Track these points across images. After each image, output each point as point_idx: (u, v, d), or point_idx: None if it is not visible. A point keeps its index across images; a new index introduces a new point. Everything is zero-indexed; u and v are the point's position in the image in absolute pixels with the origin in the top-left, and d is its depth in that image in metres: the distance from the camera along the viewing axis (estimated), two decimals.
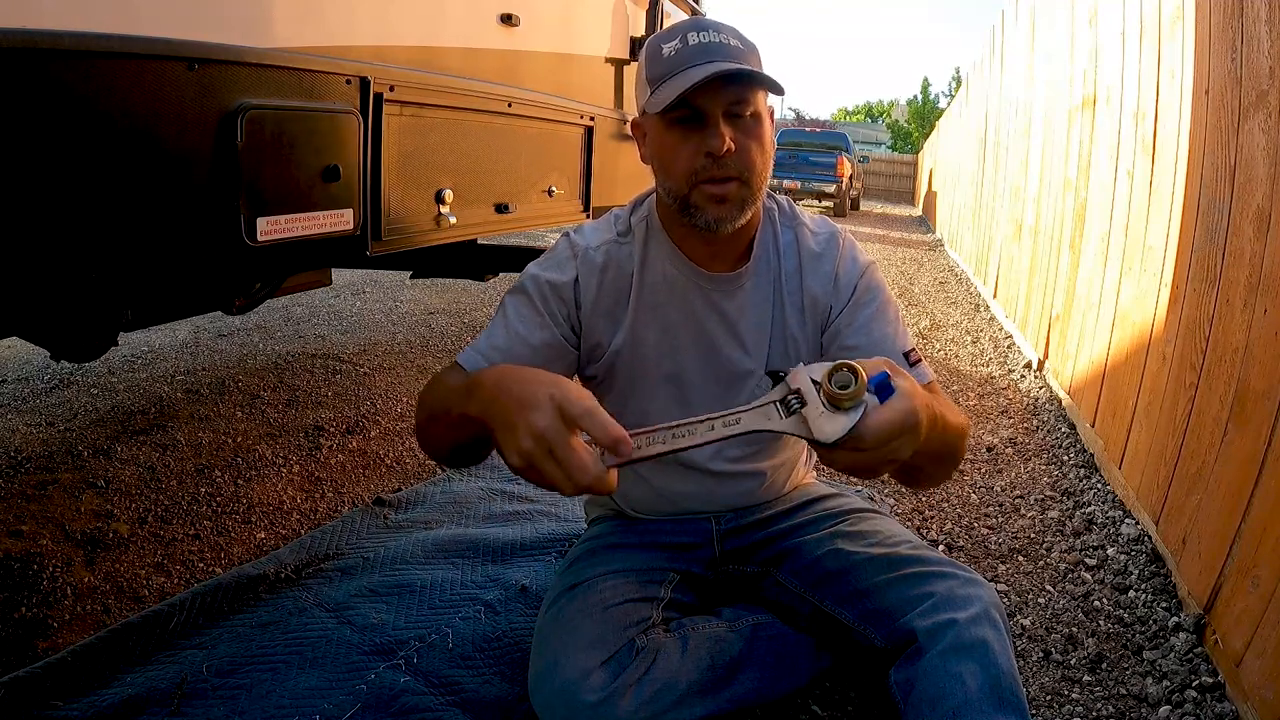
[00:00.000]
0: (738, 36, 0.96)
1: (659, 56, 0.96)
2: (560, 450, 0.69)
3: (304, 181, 1.22)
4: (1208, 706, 1.20)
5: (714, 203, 0.96)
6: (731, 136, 0.93)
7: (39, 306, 1.18)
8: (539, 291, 1.05)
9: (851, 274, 1.08)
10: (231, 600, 1.32)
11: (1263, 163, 1.33)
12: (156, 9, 1.01)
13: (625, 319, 1.08)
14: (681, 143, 0.95)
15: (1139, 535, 1.74)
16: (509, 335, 1.03)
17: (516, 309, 1.06)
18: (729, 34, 0.96)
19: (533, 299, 1.05)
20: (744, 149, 0.95)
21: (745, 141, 0.95)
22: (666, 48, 0.95)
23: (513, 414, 0.73)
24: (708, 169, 0.94)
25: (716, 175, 0.95)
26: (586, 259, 1.07)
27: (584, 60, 2.25)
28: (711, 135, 0.93)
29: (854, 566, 1.07)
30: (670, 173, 0.98)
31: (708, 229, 0.98)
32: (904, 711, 0.90)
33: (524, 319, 1.04)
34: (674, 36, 0.96)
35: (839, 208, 12.48)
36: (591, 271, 1.06)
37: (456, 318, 3.75)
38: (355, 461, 2.01)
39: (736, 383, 1.10)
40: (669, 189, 0.99)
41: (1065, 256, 2.93)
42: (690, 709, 1.00)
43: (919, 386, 0.74)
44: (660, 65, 0.95)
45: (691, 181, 0.96)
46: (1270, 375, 1.23)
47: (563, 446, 0.69)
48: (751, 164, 0.96)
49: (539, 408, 0.71)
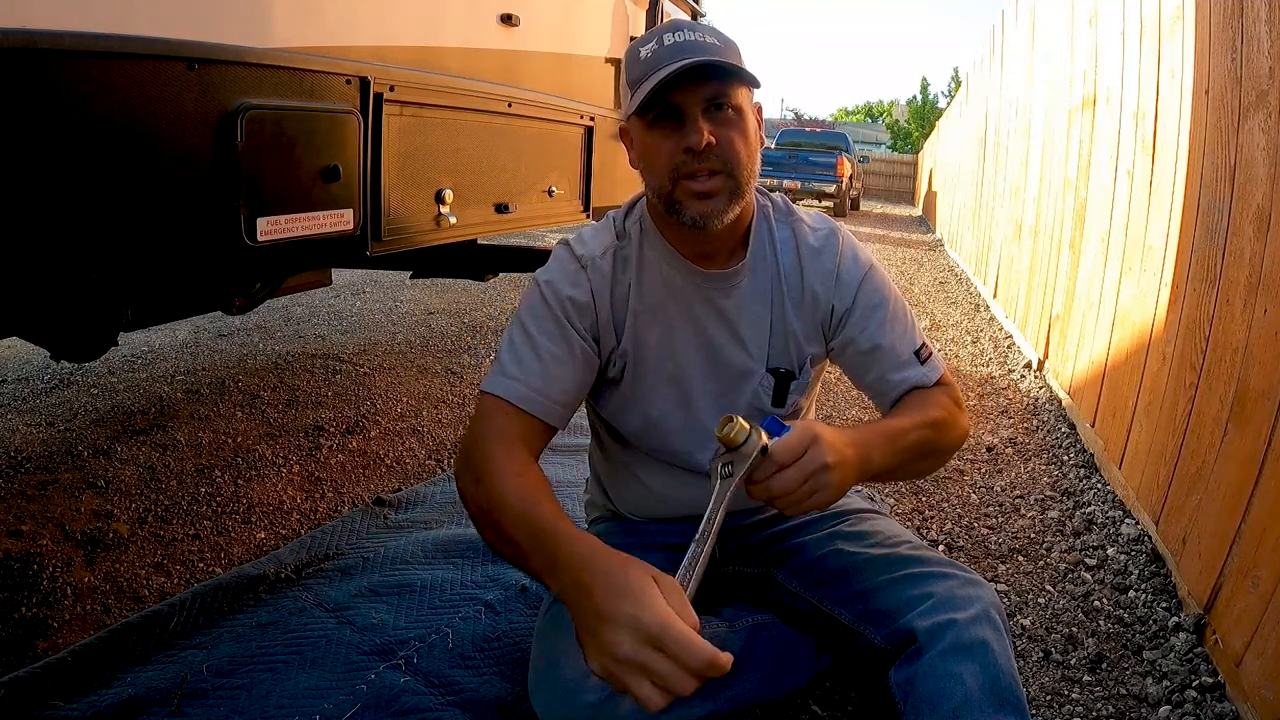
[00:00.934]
0: (715, 34, 0.96)
1: (636, 60, 0.96)
2: (651, 666, 0.68)
3: (304, 181, 1.22)
4: (1208, 706, 1.20)
5: (698, 199, 0.95)
6: (711, 130, 0.93)
7: (39, 306, 1.18)
8: (560, 306, 1.03)
9: (854, 274, 1.08)
10: (231, 600, 1.32)
11: (1263, 163, 1.33)
12: (156, 9, 1.01)
13: (627, 321, 1.07)
14: (662, 141, 0.95)
15: (1139, 535, 1.74)
16: (541, 359, 0.99)
17: (541, 327, 1.02)
18: (705, 32, 0.95)
19: (555, 313, 1.02)
20: (725, 141, 0.94)
21: (726, 134, 0.94)
22: (644, 50, 0.95)
23: (594, 627, 0.71)
24: (688, 164, 0.94)
25: (698, 170, 0.94)
26: (596, 268, 1.06)
27: (584, 60, 2.25)
28: (690, 131, 0.92)
29: (854, 567, 1.07)
30: (654, 171, 0.97)
31: (695, 225, 0.97)
32: (904, 711, 0.90)
33: (550, 335, 1.01)
34: (650, 39, 0.96)
35: (839, 208, 12.47)
36: (604, 281, 1.06)
37: (456, 318, 3.75)
38: (355, 461, 2.01)
39: (738, 381, 1.10)
40: (654, 188, 0.99)
41: (1065, 256, 2.93)
42: (690, 709, 1.00)
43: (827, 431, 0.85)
44: (638, 68, 0.95)
45: (674, 178, 0.95)
46: (1270, 375, 1.23)
47: (653, 663, 0.68)
48: (735, 156, 0.95)
49: (620, 627, 0.69)
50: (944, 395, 1.05)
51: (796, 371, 1.11)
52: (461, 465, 0.96)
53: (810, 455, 0.82)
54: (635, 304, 1.07)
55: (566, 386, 1.01)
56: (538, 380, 0.98)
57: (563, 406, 1.01)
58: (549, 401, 0.99)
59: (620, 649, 0.68)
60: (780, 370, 1.10)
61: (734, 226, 1.03)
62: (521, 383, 0.98)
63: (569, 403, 1.02)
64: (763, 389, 1.10)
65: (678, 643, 0.68)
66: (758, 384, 1.10)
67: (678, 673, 0.68)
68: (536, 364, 0.99)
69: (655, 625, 0.68)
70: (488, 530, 0.92)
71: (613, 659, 0.69)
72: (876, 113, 42.34)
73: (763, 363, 1.09)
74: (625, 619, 0.69)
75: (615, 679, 0.70)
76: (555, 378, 0.99)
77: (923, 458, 1.00)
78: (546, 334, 1.01)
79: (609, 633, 0.70)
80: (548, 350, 1.00)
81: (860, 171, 15.88)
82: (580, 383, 1.04)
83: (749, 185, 0.99)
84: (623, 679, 0.69)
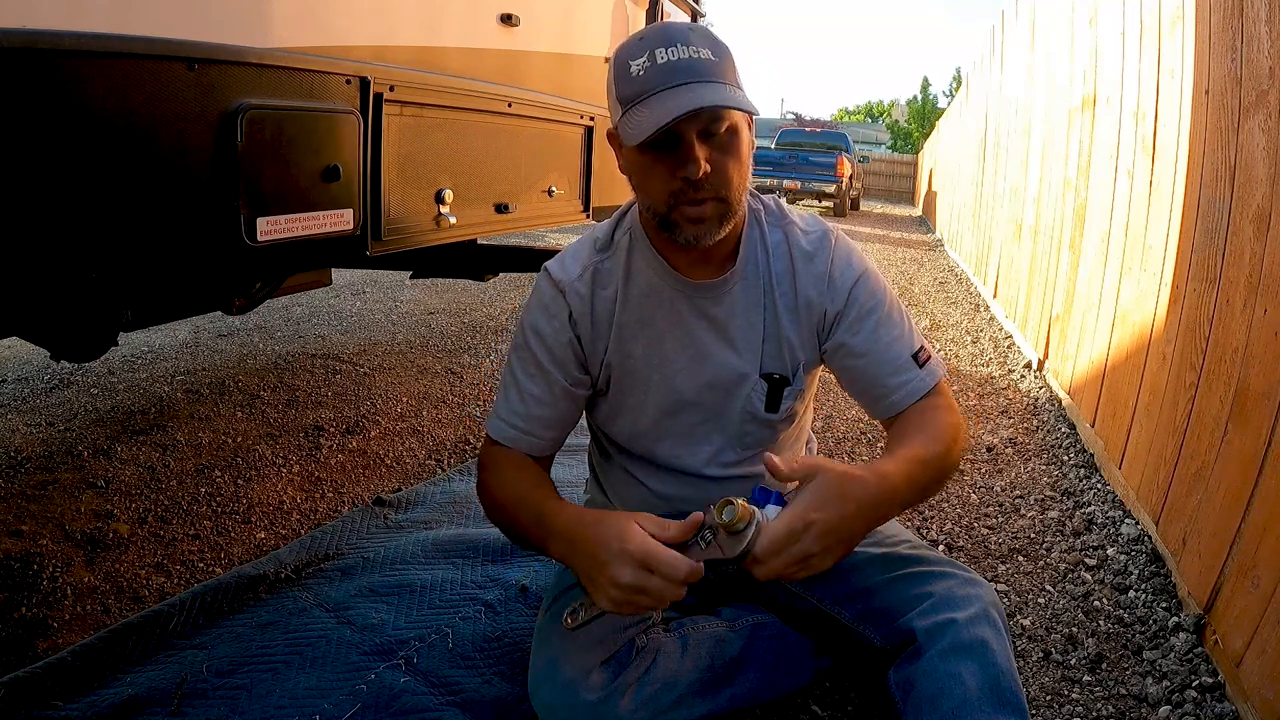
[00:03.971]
0: (708, 44, 0.91)
1: (627, 74, 0.91)
2: (648, 586, 0.82)
3: (304, 181, 1.22)
4: (1208, 706, 1.20)
5: (693, 222, 0.95)
6: (707, 157, 0.91)
7: (39, 306, 1.18)
8: (541, 347, 1.07)
9: (847, 277, 1.06)
10: (231, 600, 1.32)
11: (1263, 163, 1.33)
12: (156, 9, 1.01)
13: (611, 335, 1.07)
14: (656, 165, 0.93)
15: (1139, 535, 1.74)
16: (524, 400, 1.07)
17: (524, 368, 1.08)
18: (699, 43, 0.90)
19: (536, 356, 1.07)
20: (720, 168, 0.93)
21: (721, 160, 0.93)
22: (634, 65, 0.90)
23: (592, 572, 0.86)
24: (685, 192, 0.93)
25: (695, 197, 0.93)
26: (574, 292, 1.06)
27: (584, 60, 2.25)
28: (687, 160, 0.90)
29: (853, 566, 1.07)
30: (648, 193, 0.96)
31: (689, 244, 0.97)
32: (903, 711, 0.90)
33: (533, 378, 1.07)
34: (641, 52, 0.90)
35: (839, 208, 12.48)
36: (583, 303, 1.07)
37: (456, 318, 3.75)
38: (355, 461, 2.01)
39: (731, 388, 1.09)
40: (649, 208, 0.98)
41: (1065, 256, 2.93)
42: (690, 708, 1.00)
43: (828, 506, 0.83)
44: (629, 85, 0.91)
45: (670, 204, 0.94)
46: (1270, 375, 1.23)
47: (648, 582, 0.82)
48: (728, 181, 0.94)
49: (615, 561, 0.83)
50: (946, 411, 1.03)
51: (790, 377, 1.10)
52: (479, 490, 1.10)
53: (805, 546, 0.82)
54: (620, 317, 1.07)
55: (549, 424, 1.09)
56: (521, 422, 1.07)
57: (549, 441, 1.10)
58: (534, 438, 1.08)
59: (623, 578, 0.82)
60: (774, 376, 1.09)
61: (725, 238, 1.02)
62: (508, 424, 1.08)
63: (555, 437, 1.11)
64: (756, 395, 1.09)
65: (663, 561, 0.82)
66: (750, 390, 1.09)
67: (668, 585, 0.82)
68: (520, 405, 1.08)
69: (640, 551, 0.83)
70: (503, 523, 1.06)
71: (617, 588, 0.83)
72: (877, 113, 42.34)
73: (755, 368, 1.09)
74: (617, 553, 0.83)
75: (626, 605, 0.84)
76: (537, 417, 1.08)
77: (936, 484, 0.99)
78: (528, 376, 1.08)
79: (609, 569, 0.83)
80: (529, 392, 1.07)
81: (860, 171, 15.88)
82: (564, 416, 1.10)
83: (740, 203, 0.99)
84: (631, 602, 0.83)
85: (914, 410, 1.03)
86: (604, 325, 1.07)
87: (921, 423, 1.01)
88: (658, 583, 0.82)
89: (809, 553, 0.82)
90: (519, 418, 1.07)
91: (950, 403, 1.05)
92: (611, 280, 1.07)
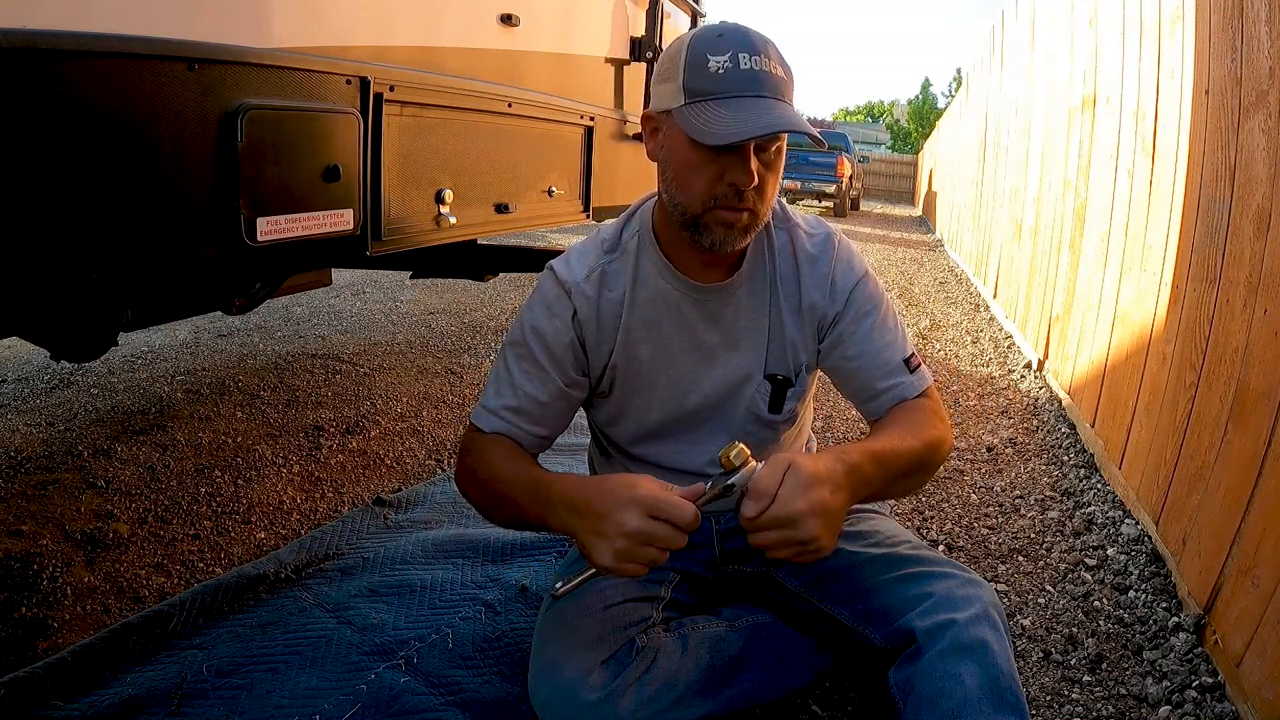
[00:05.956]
0: (781, 62, 0.93)
1: (703, 68, 0.90)
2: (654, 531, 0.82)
3: (304, 182, 1.22)
4: (1208, 707, 1.20)
5: (724, 227, 0.95)
6: (756, 169, 0.92)
7: (39, 306, 1.18)
8: (540, 345, 1.06)
9: (848, 280, 1.08)
10: (231, 600, 1.32)
11: (1263, 163, 1.33)
12: (156, 9, 1.01)
13: (619, 335, 1.07)
14: (706, 164, 0.92)
15: (1139, 535, 1.74)
16: (517, 395, 1.06)
17: (519, 364, 1.07)
18: (775, 59, 0.92)
19: (534, 353, 1.06)
20: (764, 184, 0.95)
21: (766, 176, 0.95)
22: (714, 62, 0.90)
23: (599, 525, 0.84)
24: (728, 197, 0.93)
25: (735, 205, 0.94)
26: (579, 293, 1.06)
27: (584, 60, 2.25)
28: (741, 170, 0.91)
29: (853, 566, 1.07)
30: (687, 190, 0.95)
31: (712, 249, 0.98)
32: (903, 711, 0.90)
33: (528, 375, 1.06)
34: (722, 50, 0.90)
35: (839, 208, 12.48)
36: (588, 305, 1.06)
37: (456, 318, 3.75)
38: (355, 461, 2.01)
39: (736, 389, 1.10)
40: (680, 205, 0.97)
41: (1065, 257, 2.93)
42: (690, 708, 1.00)
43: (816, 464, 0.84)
44: (705, 80, 0.90)
45: (708, 205, 0.94)
46: (1270, 375, 1.23)
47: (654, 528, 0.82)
48: (766, 198, 0.97)
49: (622, 508, 0.83)
50: (931, 413, 1.04)
51: (793, 378, 1.11)
52: (460, 475, 1.07)
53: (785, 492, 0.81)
54: (628, 320, 1.07)
55: (539, 421, 1.07)
56: (512, 415, 1.06)
57: (537, 440, 1.08)
58: (522, 433, 1.06)
59: (629, 524, 0.82)
60: (777, 377, 1.10)
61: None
62: (497, 416, 1.06)
63: (544, 435, 1.09)
64: (759, 396, 1.10)
65: (671, 504, 0.83)
66: (754, 390, 1.10)
67: (674, 532, 0.82)
68: (512, 399, 1.06)
69: (649, 497, 0.83)
70: (490, 502, 1.03)
71: (624, 536, 0.82)
72: (877, 113, 42.34)
73: (760, 370, 1.10)
74: (625, 500, 0.83)
75: (627, 554, 0.83)
76: (528, 413, 1.06)
77: (907, 476, 0.99)
78: (524, 372, 1.06)
79: (615, 516, 0.83)
80: (522, 388, 1.06)
81: (860, 171, 15.89)
82: (555, 416, 1.09)
83: (765, 220, 1.01)
84: (634, 551, 0.82)
85: (899, 408, 1.05)
86: (610, 328, 1.07)
87: (902, 419, 1.03)
88: (663, 529, 0.82)
89: (795, 510, 0.80)
90: (510, 411, 1.06)
91: (936, 407, 1.06)
92: (619, 282, 1.07)
